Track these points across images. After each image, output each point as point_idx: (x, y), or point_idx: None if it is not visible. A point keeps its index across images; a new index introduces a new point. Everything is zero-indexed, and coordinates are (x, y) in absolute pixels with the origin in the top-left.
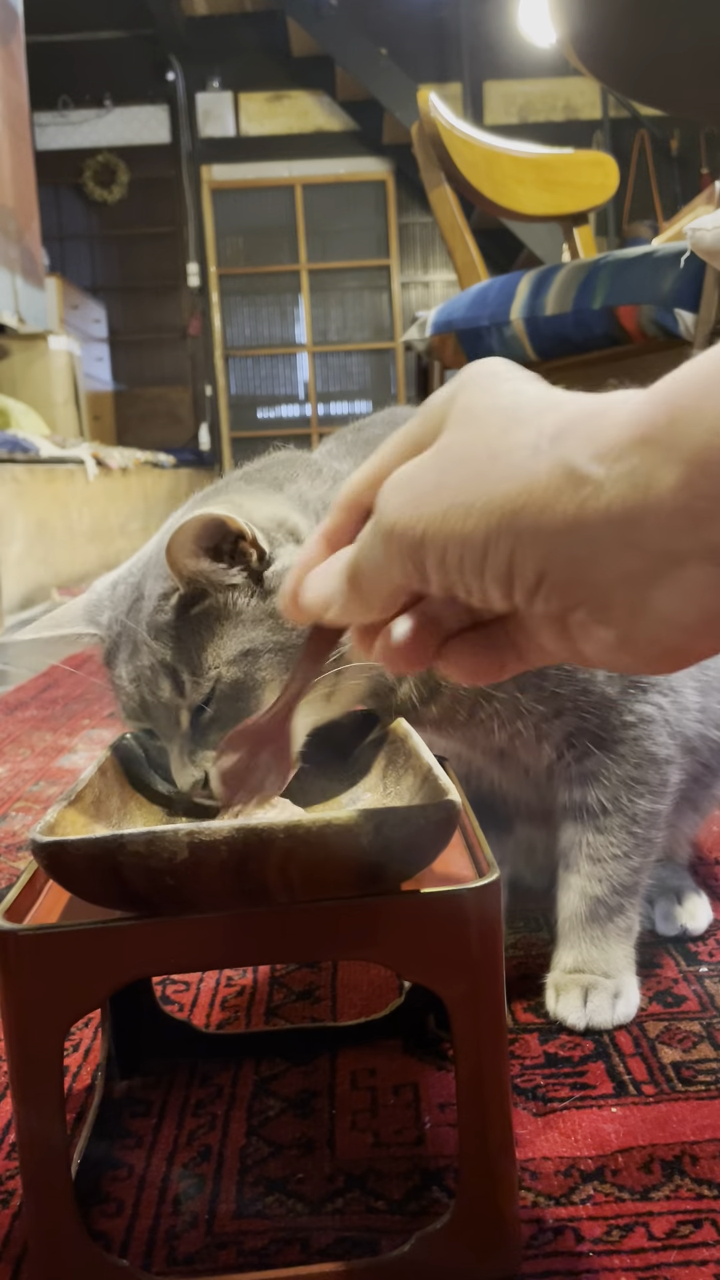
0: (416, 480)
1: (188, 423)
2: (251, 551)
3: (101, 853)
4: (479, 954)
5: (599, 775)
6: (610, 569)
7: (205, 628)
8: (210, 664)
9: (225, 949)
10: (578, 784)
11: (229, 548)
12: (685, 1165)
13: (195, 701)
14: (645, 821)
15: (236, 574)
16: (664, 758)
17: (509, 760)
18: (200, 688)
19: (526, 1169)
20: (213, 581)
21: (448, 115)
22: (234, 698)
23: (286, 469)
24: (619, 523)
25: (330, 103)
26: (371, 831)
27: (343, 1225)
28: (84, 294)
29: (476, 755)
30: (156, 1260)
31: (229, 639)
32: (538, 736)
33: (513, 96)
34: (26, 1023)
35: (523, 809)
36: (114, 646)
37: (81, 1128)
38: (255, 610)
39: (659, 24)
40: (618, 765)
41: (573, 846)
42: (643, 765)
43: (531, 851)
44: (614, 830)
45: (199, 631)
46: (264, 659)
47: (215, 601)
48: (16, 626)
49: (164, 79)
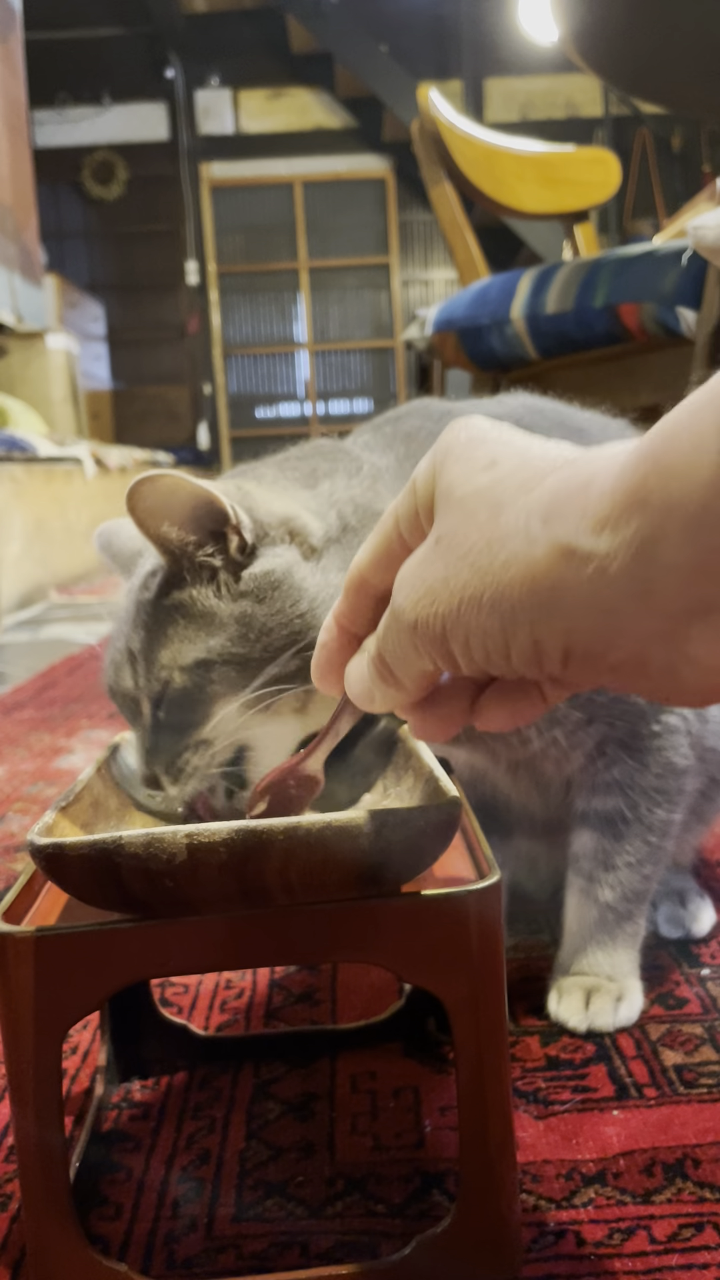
0: (425, 575)
1: (186, 421)
2: (233, 539)
3: (100, 855)
4: (479, 956)
5: (623, 784)
6: (636, 634)
7: (170, 621)
8: (164, 663)
9: (224, 951)
10: (600, 792)
11: (213, 527)
12: (687, 1168)
13: (149, 694)
14: (660, 830)
15: (213, 555)
16: (683, 768)
17: (522, 770)
18: (150, 684)
19: (527, 1172)
20: (185, 555)
21: (448, 112)
22: (180, 706)
23: (329, 462)
24: (635, 592)
25: (330, 100)
26: (372, 833)
27: (342, 1229)
28: (82, 292)
29: (492, 766)
30: (155, 1264)
31: (187, 642)
32: (570, 745)
33: (514, 93)
34: (25, 1025)
35: (524, 820)
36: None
37: (80, 1131)
38: (224, 612)
39: (660, 21)
40: (641, 775)
41: (586, 853)
42: (664, 775)
43: (533, 863)
44: (630, 838)
45: (164, 624)
46: (217, 671)
47: (187, 595)
48: (15, 627)
49: (163, 76)
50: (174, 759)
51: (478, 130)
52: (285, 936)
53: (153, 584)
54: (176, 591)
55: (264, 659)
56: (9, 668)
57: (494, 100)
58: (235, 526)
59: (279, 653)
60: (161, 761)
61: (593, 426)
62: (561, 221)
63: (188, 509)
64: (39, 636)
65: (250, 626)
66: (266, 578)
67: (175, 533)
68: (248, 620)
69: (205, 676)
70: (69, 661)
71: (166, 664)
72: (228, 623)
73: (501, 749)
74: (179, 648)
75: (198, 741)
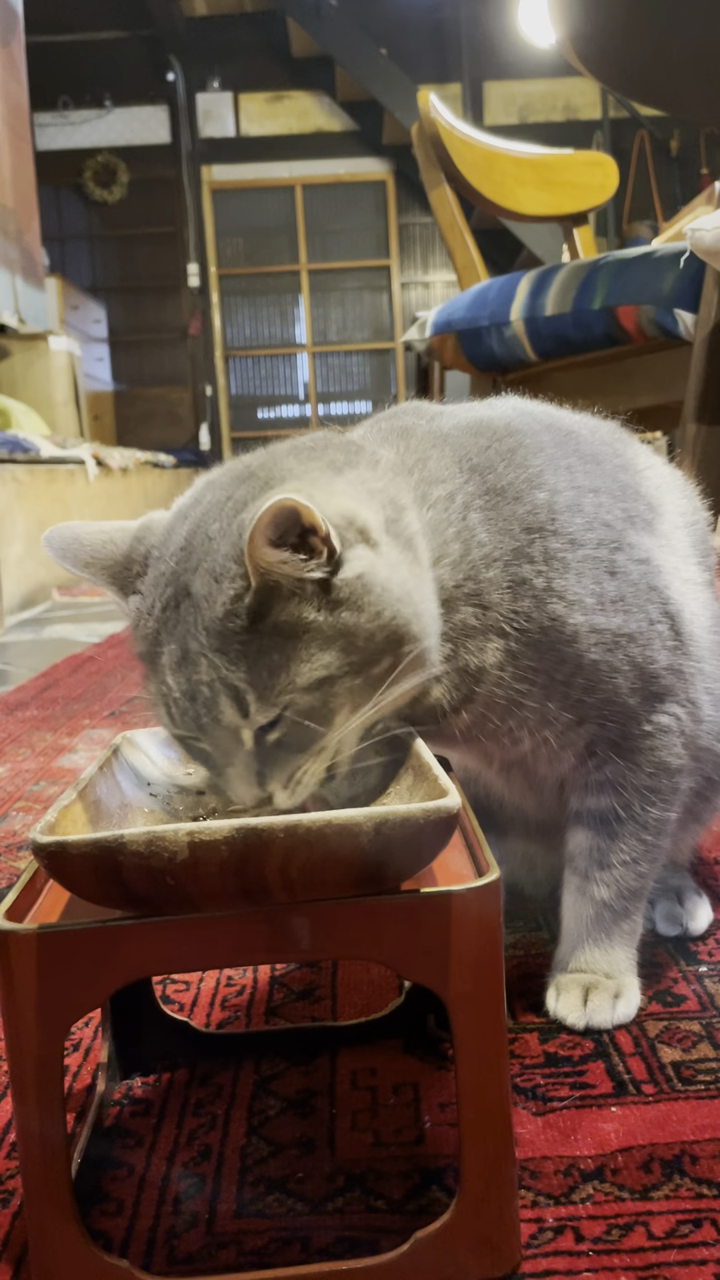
0: None
1: (188, 423)
2: (322, 549)
3: (102, 853)
4: (479, 953)
5: (615, 783)
6: None
7: (276, 646)
8: (282, 689)
9: (225, 948)
10: (593, 791)
11: (294, 541)
12: (685, 1165)
13: (259, 724)
14: (655, 828)
15: (314, 567)
16: (677, 767)
17: (516, 771)
18: (267, 713)
19: (526, 1168)
20: (285, 576)
21: (447, 115)
22: (303, 724)
23: (344, 454)
24: None
25: (330, 103)
26: (371, 831)
27: (343, 1225)
28: (84, 294)
29: (484, 767)
30: (156, 1260)
31: (303, 662)
32: (560, 745)
33: (512, 97)
34: (27, 1022)
35: (518, 820)
36: (155, 644)
37: (81, 1127)
38: (327, 626)
39: (658, 24)
40: (634, 774)
41: (581, 851)
42: (657, 774)
43: (530, 862)
44: (625, 837)
45: (269, 650)
46: (340, 685)
47: (286, 613)
48: (17, 626)
49: (164, 79)
50: (292, 773)
51: (477, 133)
52: (286, 934)
53: (241, 610)
54: (273, 614)
55: (371, 661)
56: (12, 667)
57: (493, 103)
58: (324, 537)
59: (381, 653)
60: (279, 779)
61: (583, 429)
62: (560, 224)
63: (282, 529)
64: (41, 636)
65: (355, 635)
66: (359, 582)
67: (270, 553)
68: (351, 629)
69: (329, 692)
70: (71, 661)
71: (285, 689)
72: (334, 636)
73: (495, 749)
74: (296, 670)
75: (318, 750)
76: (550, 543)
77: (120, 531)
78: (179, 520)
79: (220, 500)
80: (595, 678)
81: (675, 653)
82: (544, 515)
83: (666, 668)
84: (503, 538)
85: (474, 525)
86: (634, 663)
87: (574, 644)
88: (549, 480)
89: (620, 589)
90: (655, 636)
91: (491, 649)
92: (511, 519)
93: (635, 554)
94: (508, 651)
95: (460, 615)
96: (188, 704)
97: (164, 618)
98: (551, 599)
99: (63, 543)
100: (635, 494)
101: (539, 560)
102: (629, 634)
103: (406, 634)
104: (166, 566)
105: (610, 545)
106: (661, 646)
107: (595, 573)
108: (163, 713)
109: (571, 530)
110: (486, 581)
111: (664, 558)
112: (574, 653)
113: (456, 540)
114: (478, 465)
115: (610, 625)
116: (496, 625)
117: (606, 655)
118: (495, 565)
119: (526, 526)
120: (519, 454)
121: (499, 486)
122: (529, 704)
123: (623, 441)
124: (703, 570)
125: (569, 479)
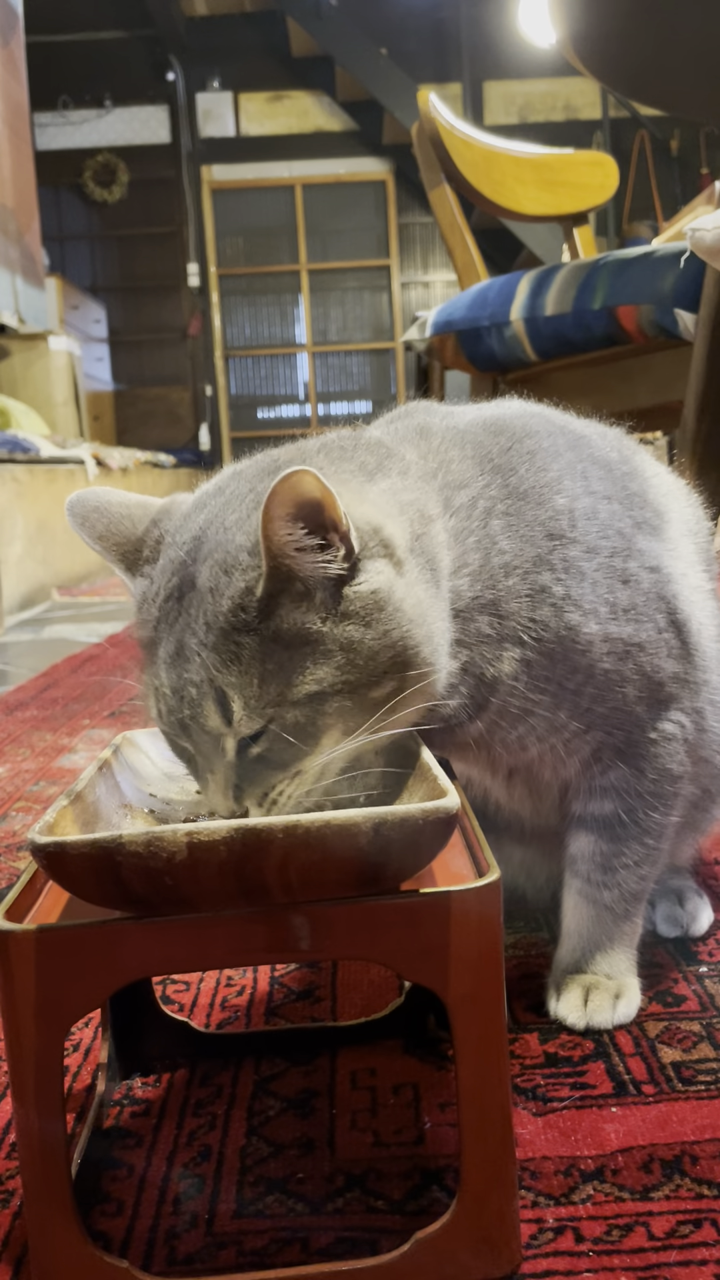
0: None
1: (188, 423)
2: (340, 546)
3: (100, 853)
4: (479, 954)
5: (619, 789)
6: None
7: (273, 654)
8: (271, 700)
9: (225, 949)
10: (596, 796)
11: (320, 533)
12: (685, 1165)
13: (243, 734)
14: (657, 833)
15: (329, 561)
16: (679, 774)
17: (517, 776)
18: (252, 724)
19: (526, 1169)
20: (298, 566)
21: (447, 115)
22: (288, 739)
23: (374, 457)
24: None
25: (330, 103)
26: (370, 831)
27: (343, 1225)
28: (84, 294)
29: (489, 773)
30: (156, 1260)
31: (297, 674)
32: (567, 752)
33: (513, 96)
34: (27, 1022)
35: (515, 826)
36: (155, 635)
37: (81, 1127)
38: (329, 637)
39: (658, 24)
40: (638, 780)
41: (583, 855)
42: (661, 780)
43: (530, 868)
44: (627, 841)
45: (266, 657)
46: (332, 703)
47: (291, 618)
48: (17, 626)
49: (164, 79)
50: (268, 791)
51: (477, 133)
52: (285, 934)
53: (250, 604)
54: (278, 616)
55: (370, 683)
56: (11, 667)
57: (493, 103)
58: (344, 534)
59: (382, 677)
60: (254, 795)
61: (592, 434)
62: (560, 224)
63: (303, 509)
64: (41, 636)
65: (357, 652)
66: (373, 598)
67: (285, 527)
68: (354, 646)
69: (319, 710)
70: (71, 661)
71: (273, 700)
72: (334, 650)
73: (502, 755)
74: (289, 681)
75: (296, 771)
76: (569, 550)
77: (141, 508)
78: (197, 509)
79: (243, 492)
80: (605, 687)
81: (682, 661)
82: (565, 522)
83: (673, 676)
84: (524, 545)
85: (495, 533)
86: (642, 671)
87: (588, 653)
88: (568, 486)
89: (632, 598)
90: (663, 645)
91: (508, 658)
92: (534, 524)
93: (645, 561)
94: (524, 661)
95: (476, 624)
96: (175, 702)
97: (166, 607)
98: (569, 607)
99: (85, 510)
100: (643, 501)
101: (559, 568)
102: (639, 643)
103: (415, 658)
104: (176, 554)
105: (623, 554)
106: (669, 655)
107: (609, 581)
108: (152, 706)
109: (589, 538)
110: (505, 590)
111: (672, 565)
112: (586, 662)
113: (477, 550)
114: (500, 466)
115: (622, 634)
116: (514, 634)
117: (617, 664)
118: (515, 574)
119: (549, 533)
120: (539, 457)
121: (521, 490)
122: (540, 713)
123: (629, 448)
124: (708, 578)
125: (584, 485)
